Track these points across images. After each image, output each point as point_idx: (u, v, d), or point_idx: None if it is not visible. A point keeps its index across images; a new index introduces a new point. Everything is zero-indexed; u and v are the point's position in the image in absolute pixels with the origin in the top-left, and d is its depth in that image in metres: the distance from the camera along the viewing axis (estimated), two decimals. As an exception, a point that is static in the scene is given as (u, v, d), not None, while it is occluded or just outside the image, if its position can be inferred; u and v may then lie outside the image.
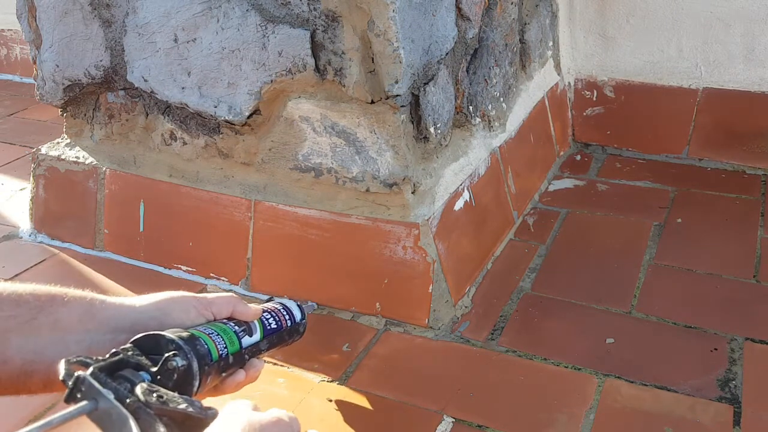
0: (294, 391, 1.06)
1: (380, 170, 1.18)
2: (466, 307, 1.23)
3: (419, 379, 1.08)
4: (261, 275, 1.30)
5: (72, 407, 0.53)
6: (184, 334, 0.67)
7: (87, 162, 1.48)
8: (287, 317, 0.89)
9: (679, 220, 1.46)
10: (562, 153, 1.77)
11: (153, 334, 0.64)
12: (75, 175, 1.49)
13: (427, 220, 1.18)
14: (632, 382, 1.04)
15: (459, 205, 1.27)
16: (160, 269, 1.39)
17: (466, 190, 1.30)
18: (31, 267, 1.43)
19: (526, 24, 1.58)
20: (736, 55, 1.63)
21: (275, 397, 1.05)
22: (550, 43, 1.74)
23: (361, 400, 1.04)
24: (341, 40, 1.11)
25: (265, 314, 0.84)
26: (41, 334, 0.63)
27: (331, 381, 1.08)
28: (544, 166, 1.67)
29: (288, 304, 0.92)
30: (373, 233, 1.20)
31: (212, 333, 0.71)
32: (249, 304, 0.80)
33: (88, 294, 0.68)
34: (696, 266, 1.31)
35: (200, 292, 1.32)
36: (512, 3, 1.47)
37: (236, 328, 0.76)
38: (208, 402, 0.58)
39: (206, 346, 0.68)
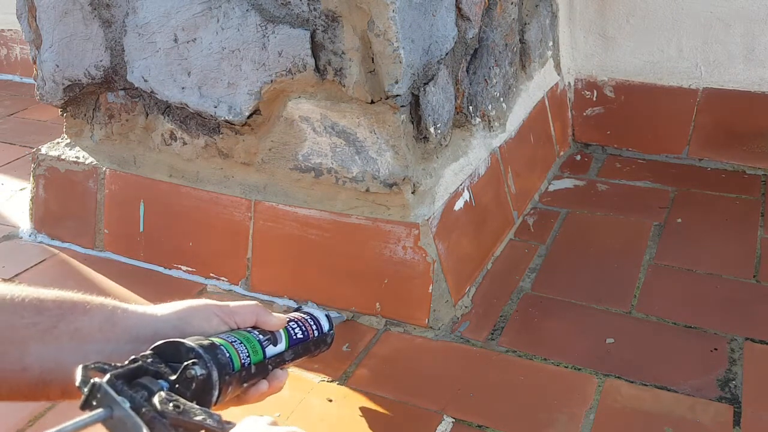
0: (294, 391, 1.06)
1: (380, 170, 1.18)
2: (466, 307, 1.23)
3: (419, 379, 1.08)
4: (261, 275, 1.30)
5: (86, 414, 0.51)
6: (205, 342, 0.65)
7: (87, 162, 1.48)
8: (314, 327, 0.85)
9: (679, 220, 1.46)
10: (562, 153, 1.77)
11: (173, 341, 0.63)
12: (75, 175, 1.49)
13: (427, 220, 1.18)
14: (632, 382, 1.04)
15: (459, 205, 1.27)
16: (160, 269, 1.39)
17: (466, 190, 1.30)
18: (31, 267, 1.43)
19: (526, 24, 1.58)
20: (736, 55, 1.63)
21: (275, 397, 1.05)
22: (550, 43, 1.74)
23: (361, 400, 1.04)
24: (341, 40, 1.11)
25: (291, 324, 0.81)
26: (61, 342, 0.62)
27: (331, 381, 1.08)
28: (544, 166, 1.67)
29: (316, 314, 0.89)
30: (373, 233, 1.20)
31: (235, 341, 0.69)
32: (274, 313, 0.77)
33: (109, 302, 0.67)
34: (696, 266, 1.31)
35: (200, 292, 1.33)
36: (512, 3, 1.47)
37: (260, 337, 0.73)
38: (228, 412, 0.57)
39: (228, 355, 0.66)
